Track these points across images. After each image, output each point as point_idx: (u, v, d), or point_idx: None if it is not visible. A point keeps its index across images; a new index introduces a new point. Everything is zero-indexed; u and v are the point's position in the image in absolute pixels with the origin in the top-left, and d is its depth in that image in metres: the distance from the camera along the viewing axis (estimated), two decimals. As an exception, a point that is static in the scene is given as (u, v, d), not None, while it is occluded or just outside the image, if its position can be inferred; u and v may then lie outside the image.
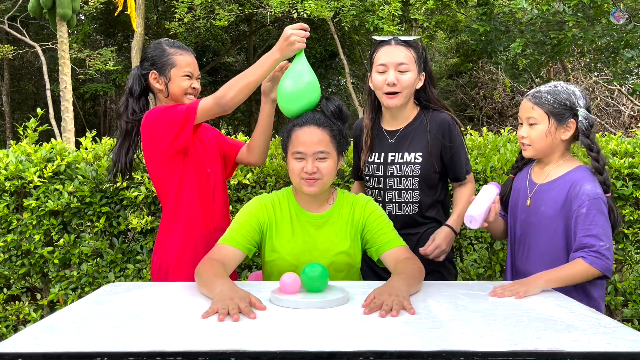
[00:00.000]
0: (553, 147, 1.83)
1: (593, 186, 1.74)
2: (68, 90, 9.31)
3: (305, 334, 1.25)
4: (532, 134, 1.82)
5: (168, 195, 2.02)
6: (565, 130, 1.81)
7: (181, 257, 1.99)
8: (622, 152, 2.73)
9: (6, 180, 2.63)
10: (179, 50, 2.07)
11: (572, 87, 1.82)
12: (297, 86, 1.84)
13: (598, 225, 1.70)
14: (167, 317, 1.37)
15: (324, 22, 10.73)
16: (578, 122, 1.79)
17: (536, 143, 1.83)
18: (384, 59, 1.97)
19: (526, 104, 1.85)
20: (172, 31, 11.84)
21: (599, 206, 1.72)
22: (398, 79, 1.95)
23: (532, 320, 1.35)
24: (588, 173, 1.80)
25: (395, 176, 2.04)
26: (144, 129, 1.98)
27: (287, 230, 1.84)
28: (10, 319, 2.72)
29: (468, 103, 15.04)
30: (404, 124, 2.07)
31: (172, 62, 2.04)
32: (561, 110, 1.79)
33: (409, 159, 2.03)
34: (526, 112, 1.84)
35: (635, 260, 2.76)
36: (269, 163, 2.73)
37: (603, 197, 1.74)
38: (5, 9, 13.39)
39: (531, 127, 1.83)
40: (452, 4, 10.19)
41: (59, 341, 1.19)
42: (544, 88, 1.83)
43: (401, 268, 1.68)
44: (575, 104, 1.80)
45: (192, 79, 2.07)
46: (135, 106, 2.07)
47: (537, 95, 1.82)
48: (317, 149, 1.75)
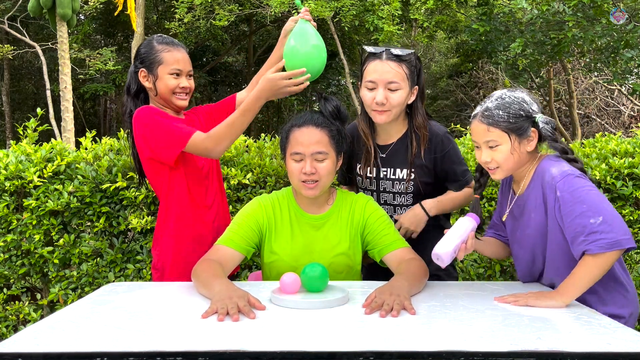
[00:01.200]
0: (522, 161, 1.69)
1: (558, 167, 1.60)
2: (68, 90, 9.31)
3: (305, 334, 1.25)
4: (497, 157, 1.66)
5: (160, 192, 2.00)
6: (528, 141, 1.66)
7: (176, 255, 1.98)
8: (622, 152, 2.73)
9: (6, 180, 2.63)
10: (167, 46, 1.97)
11: (519, 93, 1.68)
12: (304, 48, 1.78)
13: (579, 202, 1.53)
14: (167, 317, 1.37)
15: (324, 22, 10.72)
16: (540, 129, 1.65)
17: (504, 164, 1.67)
18: (373, 76, 1.86)
19: (479, 126, 1.67)
20: (172, 31, 11.83)
21: (572, 182, 1.56)
22: (387, 98, 1.86)
23: (532, 320, 1.35)
24: (551, 158, 1.67)
25: (388, 192, 2.01)
26: (134, 128, 1.94)
27: (287, 232, 1.83)
28: (10, 319, 2.72)
29: (468, 103, 15.04)
30: (395, 138, 1.99)
31: (160, 60, 1.95)
32: (519, 123, 1.63)
33: (401, 176, 1.97)
34: (482, 135, 1.66)
35: (635, 260, 2.76)
36: (269, 163, 2.73)
37: (575, 172, 1.58)
38: (5, 9, 13.39)
39: (492, 149, 1.66)
40: (452, 4, 10.19)
41: (59, 341, 1.19)
42: (492, 104, 1.66)
43: (404, 268, 1.68)
44: (530, 111, 1.65)
45: (180, 77, 1.98)
46: (132, 105, 2.02)
47: (487, 115, 1.65)
48: (316, 150, 1.74)
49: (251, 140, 2.93)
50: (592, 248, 1.49)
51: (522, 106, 1.65)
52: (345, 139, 1.84)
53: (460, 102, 15.42)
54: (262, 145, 2.90)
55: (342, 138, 1.82)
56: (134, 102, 2.02)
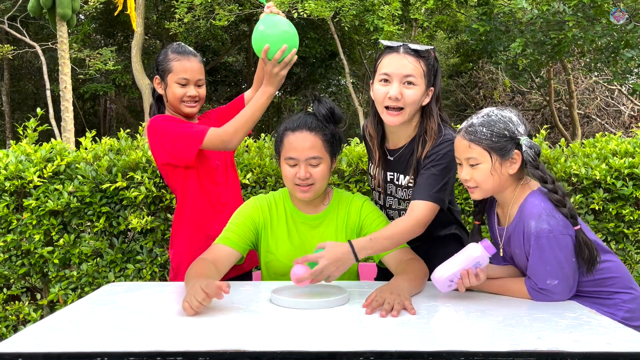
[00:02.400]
0: (502, 184, 1.61)
1: (538, 221, 1.53)
2: (68, 90, 9.31)
3: (305, 334, 1.25)
4: (476, 175, 1.59)
5: (177, 193, 2.08)
6: (511, 163, 1.59)
7: (191, 253, 2.01)
8: (622, 152, 2.73)
9: (6, 180, 2.63)
10: (178, 55, 2.04)
11: (507, 113, 1.61)
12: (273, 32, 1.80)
13: (545, 262, 1.53)
14: (167, 317, 1.37)
15: (324, 22, 10.72)
16: (523, 153, 1.57)
17: (483, 184, 1.60)
18: (388, 68, 1.74)
19: (461, 142, 1.61)
20: (172, 31, 11.84)
21: (543, 243, 1.52)
22: (402, 93, 1.72)
23: (532, 320, 1.35)
24: (536, 204, 1.56)
25: (394, 197, 1.92)
26: (149, 138, 2.03)
27: (283, 232, 1.84)
28: (10, 319, 2.72)
29: (468, 103, 15.03)
30: (404, 142, 1.86)
31: (169, 68, 2.03)
32: (501, 143, 1.57)
33: (404, 183, 1.86)
34: (463, 151, 1.61)
35: (635, 260, 2.76)
36: (269, 163, 2.73)
37: (554, 231, 1.52)
38: (5, 9, 13.38)
39: (473, 167, 1.60)
40: (452, 4, 10.19)
41: (59, 341, 1.19)
42: (477, 120, 1.60)
43: (404, 268, 1.68)
44: (515, 132, 1.58)
45: (187, 86, 2.03)
46: (155, 108, 2.14)
47: (471, 131, 1.59)
48: (310, 155, 1.73)
49: (251, 141, 2.93)
50: (532, 296, 1.57)
51: (507, 126, 1.58)
52: (340, 141, 1.83)
53: (460, 102, 15.41)
54: (262, 145, 2.90)
55: (337, 141, 1.81)
56: (157, 105, 2.15)
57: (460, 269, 1.54)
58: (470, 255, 1.55)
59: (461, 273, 1.54)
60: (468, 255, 1.55)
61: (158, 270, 2.68)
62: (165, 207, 2.69)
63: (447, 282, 1.55)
